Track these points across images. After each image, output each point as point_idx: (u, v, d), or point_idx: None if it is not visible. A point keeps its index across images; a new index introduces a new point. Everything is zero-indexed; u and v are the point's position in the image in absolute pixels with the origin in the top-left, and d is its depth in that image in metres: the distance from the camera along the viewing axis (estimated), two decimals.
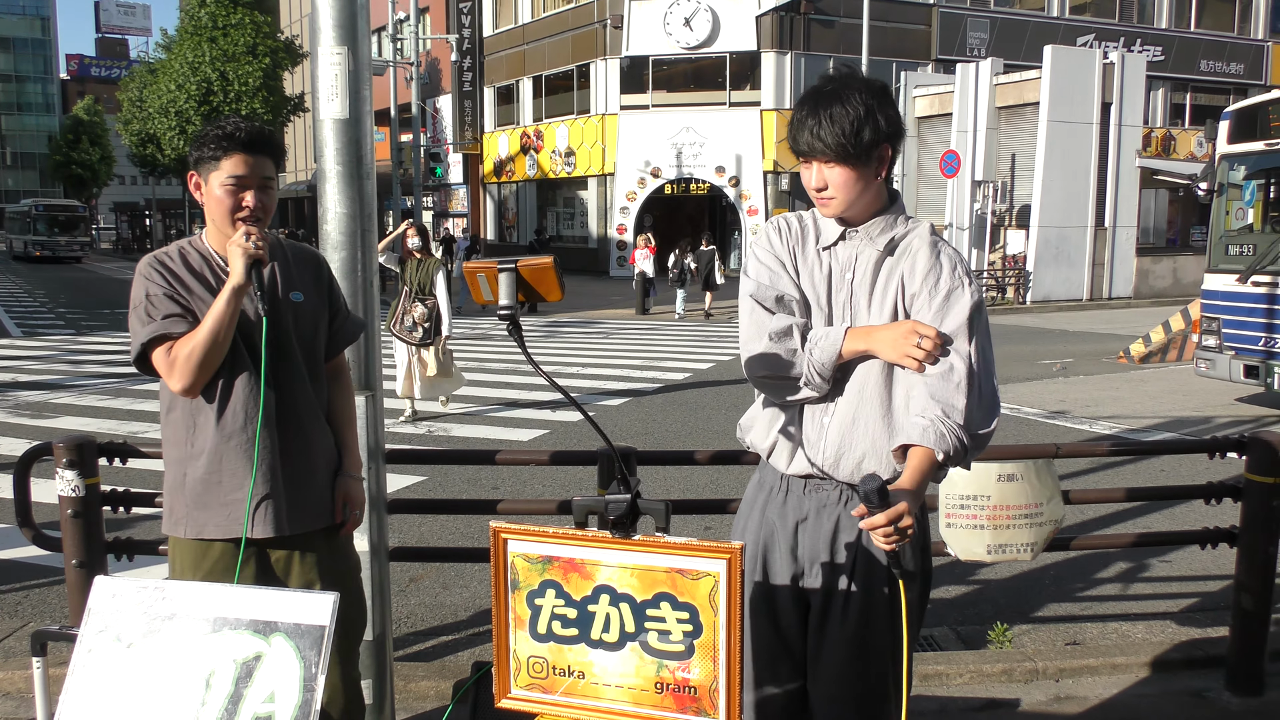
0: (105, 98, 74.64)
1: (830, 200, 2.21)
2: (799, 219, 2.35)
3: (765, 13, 30.79)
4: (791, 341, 2.21)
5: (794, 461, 2.29)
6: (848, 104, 2.14)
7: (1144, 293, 25.76)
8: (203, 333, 2.40)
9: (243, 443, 2.51)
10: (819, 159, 2.18)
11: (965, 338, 2.16)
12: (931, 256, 2.21)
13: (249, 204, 2.48)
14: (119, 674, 1.83)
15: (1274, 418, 10.15)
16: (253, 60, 39.79)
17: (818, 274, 2.28)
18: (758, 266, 2.32)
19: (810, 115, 2.17)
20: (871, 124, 2.14)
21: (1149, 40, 34.92)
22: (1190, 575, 5.43)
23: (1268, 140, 9.81)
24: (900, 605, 2.20)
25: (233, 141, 2.46)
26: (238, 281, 2.39)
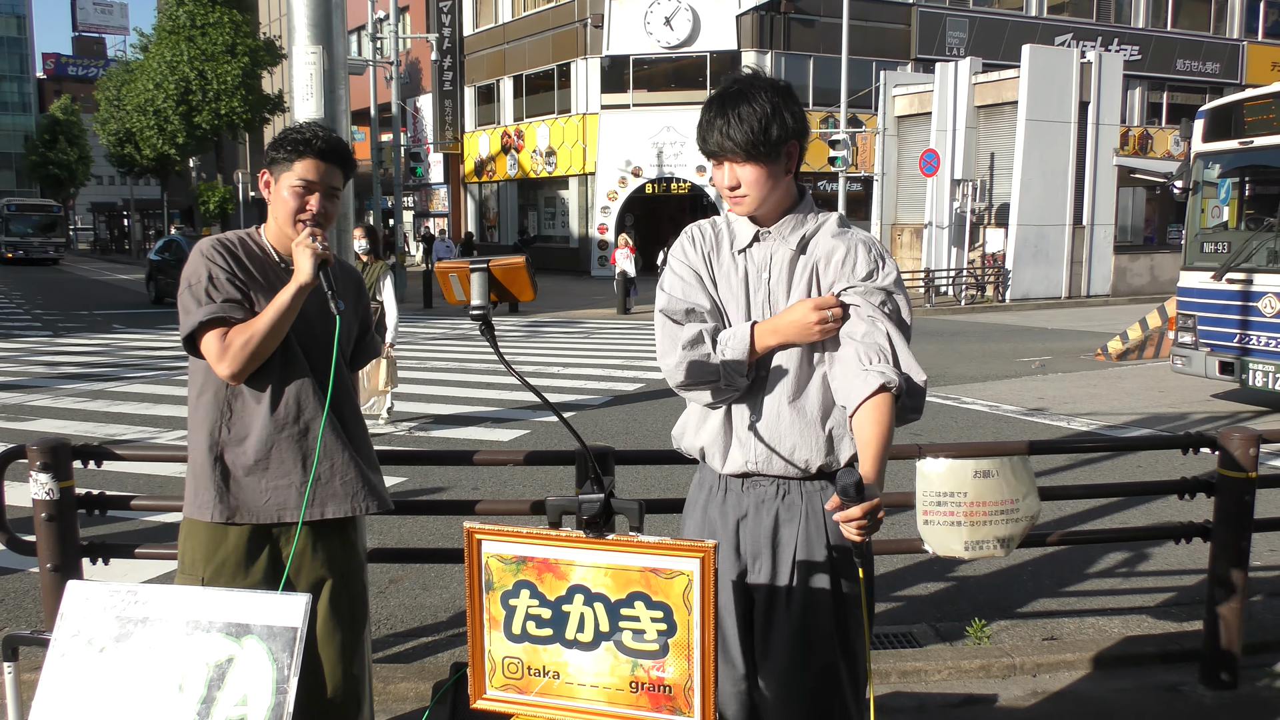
0: (82, 97, 74.03)
1: (743, 198, 2.25)
2: (712, 225, 2.40)
3: (745, 12, 30.84)
4: (704, 347, 2.23)
5: (728, 461, 2.31)
6: (754, 103, 2.18)
7: (1122, 290, 25.96)
8: (263, 323, 2.46)
9: (295, 434, 2.58)
10: (730, 158, 2.22)
11: (882, 302, 2.22)
12: (846, 244, 2.26)
13: (312, 207, 2.56)
14: (91, 678, 1.82)
15: (1249, 413, 10.25)
16: (231, 59, 39.57)
17: (734, 277, 2.32)
18: (671, 279, 2.36)
19: (719, 115, 2.20)
20: (779, 121, 2.19)
21: (1126, 40, 35.18)
22: (1166, 570, 5.48)
23: (1242, 139, 9.90)
24: (845, 596, 2.29)
25: (308, 147, 2.54)
26: (305, 279, 2.47)
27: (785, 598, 2.28)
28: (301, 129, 2.60)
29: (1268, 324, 9.42)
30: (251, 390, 2.57)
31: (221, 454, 2.58)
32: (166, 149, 42.02)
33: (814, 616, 2.28)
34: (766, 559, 2.30)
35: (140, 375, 12.59)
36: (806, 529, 2.29)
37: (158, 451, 5.81)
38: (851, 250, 2.25)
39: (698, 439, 2.37)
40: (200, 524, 2.61)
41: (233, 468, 2.57)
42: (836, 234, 2.29)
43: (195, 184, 46.99)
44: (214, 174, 47.90)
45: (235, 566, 2.58)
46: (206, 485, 2.58)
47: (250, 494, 2.58)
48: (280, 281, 2.56)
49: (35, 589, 4.89)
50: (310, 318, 2.60)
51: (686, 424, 2.43)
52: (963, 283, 24.65)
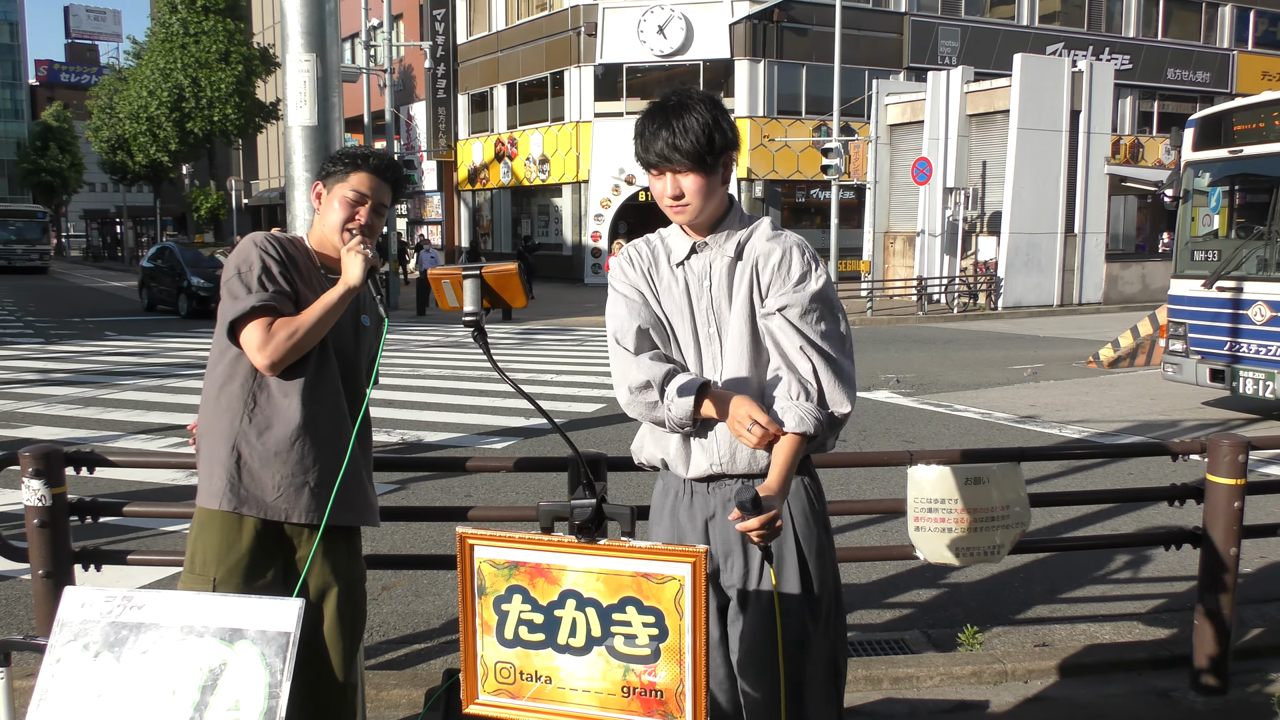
0: (75, 104, 73.92)
1: (685, 207, 2.31)
2: (647, 243, 2.48)
3: (738, 21, 30.94)
4: (651, 394, 2.28)
5: (692, 465, 2.37)
6: (696, 114, 2.25)
7: (1113, 298, 26.05)
8: (309, 317, 2.53)
9: (322, 437, 2.63)
10: (673, 168, 2.27)
11: (815, 318, 2.30)
12: (781, 247, 2.35)
13: (361, 218, 2.65)
14: (86, 684, 1.82)
15: (1239, 420, 10.29)
16: (225, 67, 39.58)
17: (675, 290, 2.39)
18: (615, 301, 2.42)
19: (663, 126, 2.25)
20: (719, 131, 2.26)
21: (1117, 49, 35.36)
22: (1156, 576, 5.50)
23: (1232, 148, 9.95)
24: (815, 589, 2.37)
25: (364, 162, 2.66)
26: (354, 282, 2.55)
27: (757, 593, 2.35)
28: (359, 148, 2.76)
29: (1258, 332, 9.46)
30: (279, 385, 2.60)
31: (239, 444, 2.60)
32: (159, 156, 42.00)
33: (784, 610, 2.32)
34: (738, 557, 2.36)
35: (133, 382, 12.57)
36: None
37: (151, 458, 5.80)
38: (786, 253, 2.34)
39: (657, 450, 2.43)
40: (214, 522, 2.61)
41: (249, 459, 2.59)
42: (771, 237, 2.38)
43: (188, 191, 46.96)
44: (207, 181, 47.89)
45: (248, 569, 2.59)
46: (220, 473, 2.60)
47: (261, 488, 2.59)
48: (323, 286, 2.63)
49: (27, 595, 4.88)
50: (343, 326, 2.69)
51: (644, 438, 2.48)
52: (955, 290, 24.71)
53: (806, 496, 2.41)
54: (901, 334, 19.49)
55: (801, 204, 33.48)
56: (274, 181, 52.97)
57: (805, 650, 2.36)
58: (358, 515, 2.76)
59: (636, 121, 2.33)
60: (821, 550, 2.40)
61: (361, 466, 2.76)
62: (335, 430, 2.66)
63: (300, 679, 2.42)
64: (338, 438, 2.65)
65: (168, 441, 8.98)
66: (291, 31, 3.20)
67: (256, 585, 2.59)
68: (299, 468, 2.61)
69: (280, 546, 2.65)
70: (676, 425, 2.29)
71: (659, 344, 2.35)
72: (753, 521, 2.05)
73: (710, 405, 2.25)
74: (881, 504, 4.49)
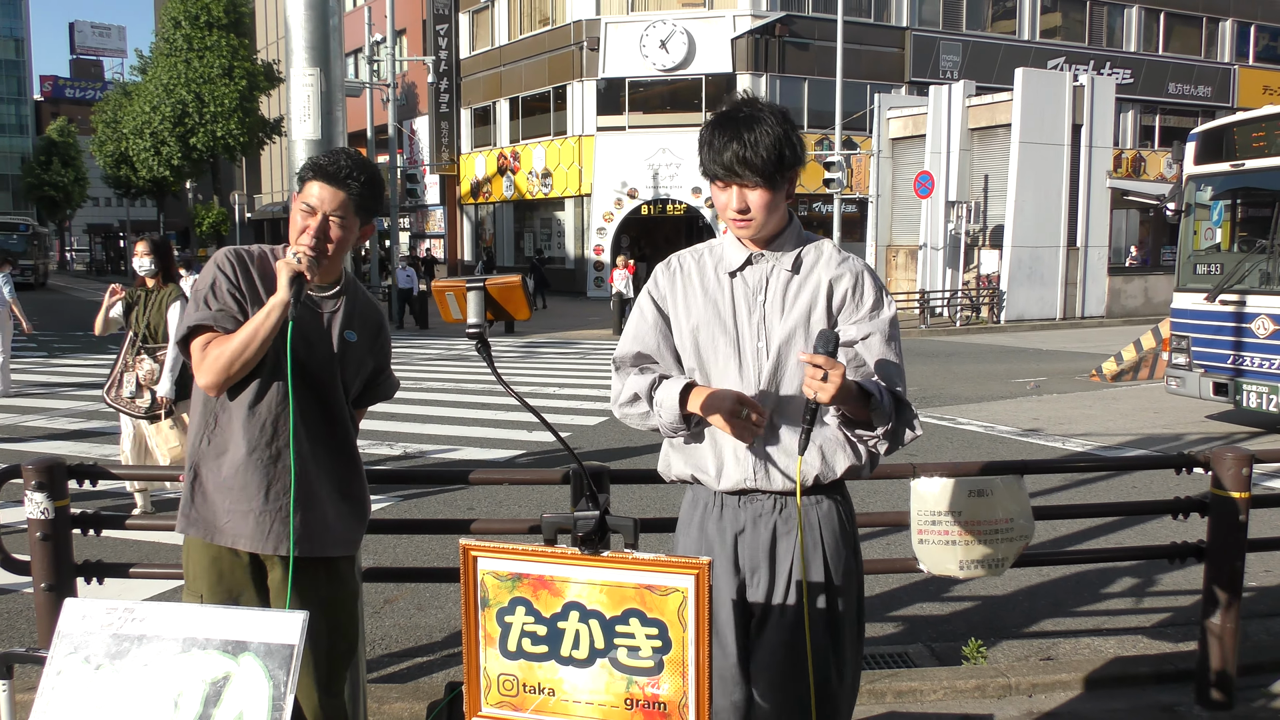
0: (80, 119, 74.21)
1: (750, 222, 2.28)
2: (694, 253, 2.44)
3: (740, 35, 31.05)
4: (640, 405, 2.32)
5: (724, 478, 2.34)
6: (767, 127, 2.21)
7: (1116, 312, 26.04)
8: (236, 339, 2.45)
9: (264, 459, 2.54)
10: (742, 182, 2.24)
11: (891, 348, 2.33)
12: (854, 274, 2.35)
13: (310, 228, 2.53)
14: (87, 696, 1.82)
15: (1243, 434, 10.27)
16: (229, 82, 39.75)
17: (722, 299, 2.35)
18: (633, 323, 2.42)
19: (734, 139, 2.21)
20: (790, 148, 2.24)
21: (1118, 63, 35.46)
22: (1160, 590, 5.48)
23: (1234, 161, 9.96)
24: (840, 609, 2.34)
25: (317, 170, 2.55)
26: (281, 297, 2.44)
27: (781, 609, 2.31)
28: (327, 153, 2.61)
29: (1261, 345, 9.45)
30: (236, 406, 2.54)
31: (198, 465, 2.58)
32: (162, 171, 42.12)
33: (810, 627, 2.30)
34: (764, 572, 2.32)
35: None
36: (804, 542, 2.31)
37: (153, 471, 5.80)
38: (859, 278, 2.34)
39: (687, 466, 2.40)
40: (195, 542, 2.61)
41: (205, 482, 2.57)
42: (840, 260, 2.36)
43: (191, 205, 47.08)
44: (210, 196, 48.02)
45: (228, 590, 2.58)
46: (184, 496, 2.60)
47: (213, 513, 2.56)
48: (306, 305, 2.56)
49: (29, 609, 4.87)
50: (311, 343, 2.58)
51: (670, 455, 2.45)
52: (958, 304, 24.72)
53: (839, 518, 2.38)
54: (904, 347, 19.40)
55: (804, 218, 33.40)
56: (277, 196, 53.14)
57: (826, 678, 2.32)
58: (316, 545, 2.60)
59: (703, 129, 2.30)
60: (849, 573, 2.38)
61: (324, 493, 2.62)
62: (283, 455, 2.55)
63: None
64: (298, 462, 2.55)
65: None
66: (296, 46, 3.22)
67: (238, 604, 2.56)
68: (243, 494, 2.54)
69: (258, 568, 2.61)
70: (669, 430, 2.30)
71: (665, 365, 2.36)
72: (820, 355, 2.05)
73: (695, 400, 2.24)
74: (884, 517, 4.48)
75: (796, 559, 2.31)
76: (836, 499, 2.39)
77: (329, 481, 2.64)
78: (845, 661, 2.36)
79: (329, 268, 2.60)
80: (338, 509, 2.66)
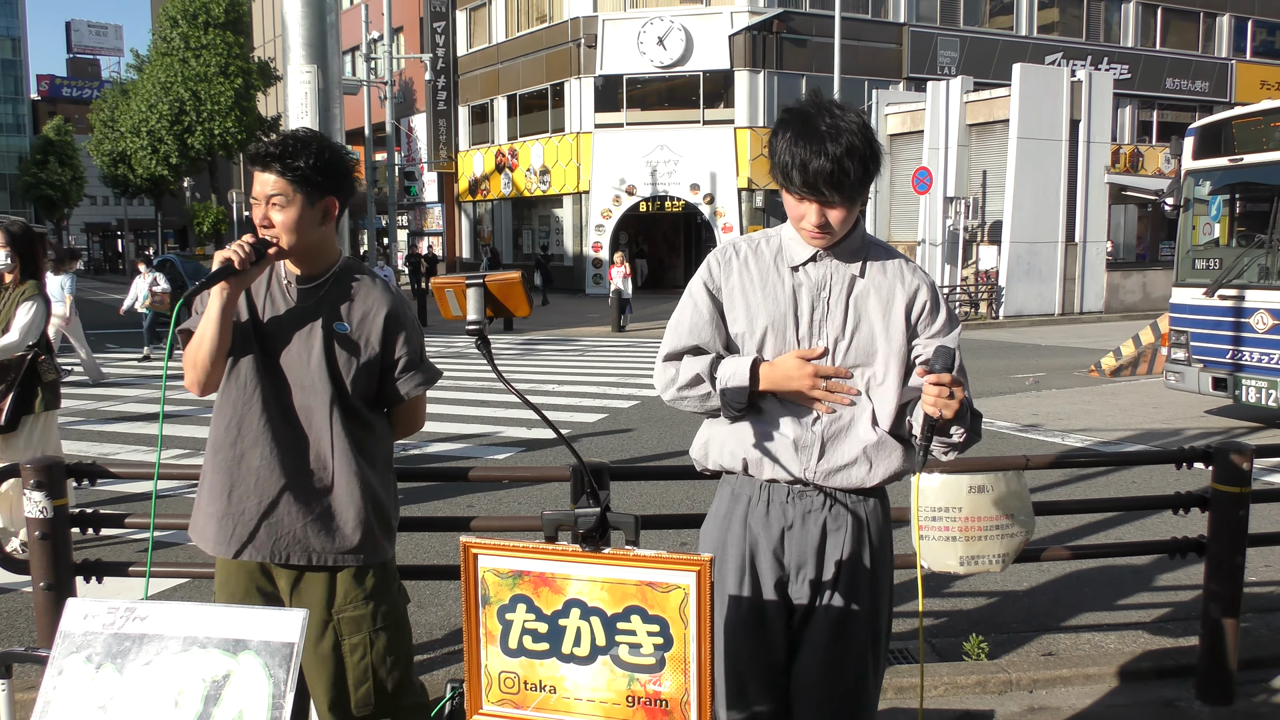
0: (77, 118, 74.15)
1: (827, 236, 2.23)
2: (749, 241, 2.37)
3: (738, 32, 31.02)
4: (703, 386, 2.27)
5: (779, 469, 2.29)
6: (853, 144, 2.12)
7: (1114, 307, 26.04)
8: (197, 334, 2.44)
9: (227, 460, 2.49)
10: (825, 201, 2.16)
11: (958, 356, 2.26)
12: (927, 285, 2.32)
13: (257, 220, 2.44)
14: (88, 696, 1.81)
15: (1242, 429, 10.28)
16: (225, 80, 39.69)
17: (781, 291, 2.29)
18: (683, 307, 2.36)
19: (819, 154, 2.11)
20: (874, 163, 2.18)
21: (1116, 59, 35.44)
22: (1161, 585, 5.48)
23: (1232, 156, 9.96)
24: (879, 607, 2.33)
25: (254, 158, 2.43)
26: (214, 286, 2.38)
27: (825, 606, 2.31)
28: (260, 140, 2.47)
29: (1260, 340, 9.45)
30: (216, 408, 2.52)
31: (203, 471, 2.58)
32: (160, 170, 42.09)
33: (853, 625, 2.31)
34: (811, 568, 2.30)
35: (135, 394, 12.57)
36: (853, 540, 2.32)
37: (152, 469, 5.79)
38: (936, 295, 2.32)
39: (739, 450, 2.31)
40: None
41: (199, 487, 2.57)
42: (913, 272, 2.33)
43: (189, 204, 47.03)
44: (208, 194, 47.96)
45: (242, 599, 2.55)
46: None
47: (196, 516, 2.56)
48: (283, 298, 2.51)
49: (28, 608, 4.87)
50: (289, 338, 2.48)
51: (711, 440, 2.38)
52: (956, 300, 24.72)
53: (884, 519, 2.39)
54: None
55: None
56: None
57: (865, 674, 2.34)
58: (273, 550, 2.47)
59: (780, 128, 2.18)
60: (889, 571, 2.40)
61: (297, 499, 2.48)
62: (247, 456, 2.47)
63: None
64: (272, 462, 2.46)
65: (170, 453, 8.97)
66: (293, 44, 3.21)
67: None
68: (211, 496, 2.51)
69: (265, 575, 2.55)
70: (732, 405, 2.24)
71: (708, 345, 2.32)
72: (945, 375, 2.06)
73: (767, 374, 2.23)
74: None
75: (846, 557, 2.31)
76: (882, 499, 2.40)
77: (307, 486, 2.49)
78: (880, 658, 2.39)
79: (301, 255, 2.48)
80: (317, 517, 2.49)
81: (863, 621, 2.32)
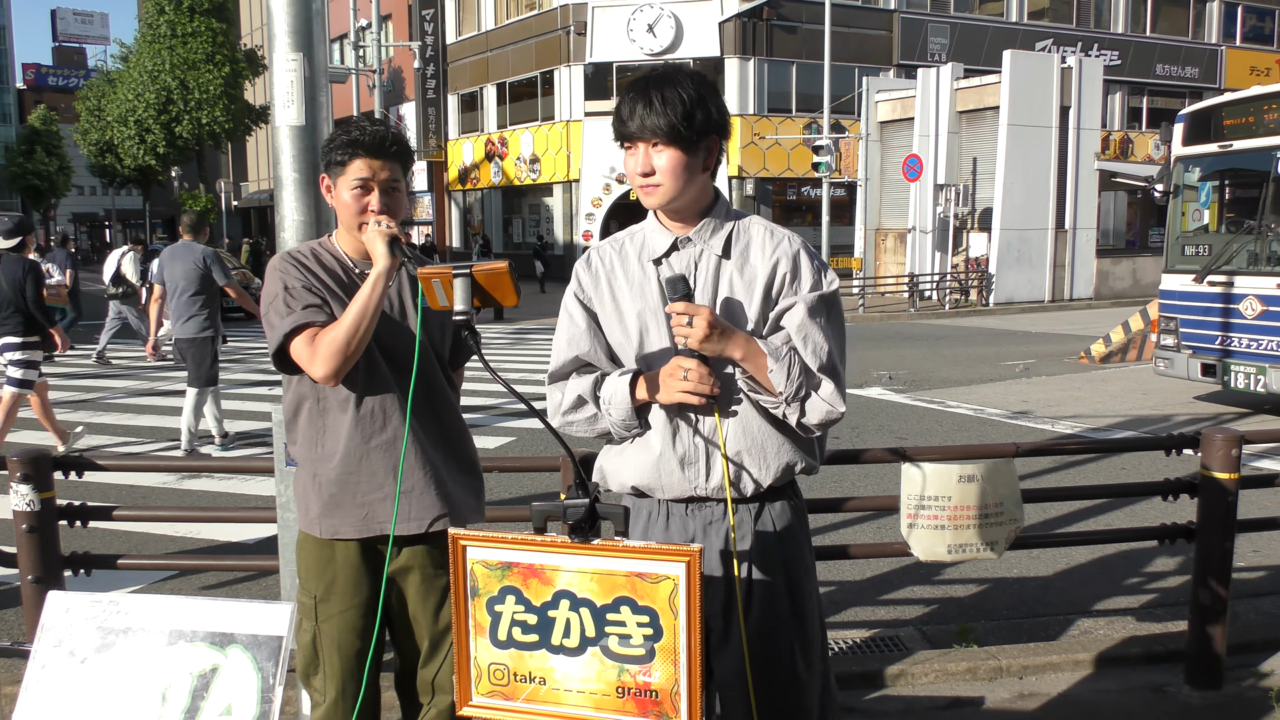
0: (63, 107, 73.60)
1: (656, 187, 2.13)
2: (614, 243, 2.33)
3: (728, 19, 30.93)
4: (588, 409, 2.23)
5: (669, 488, 2.22)
6: (679, 87, 2.09)
7: (1104, 294, 26.11)
8: (350, 317, 2.42)
9: (383, 444, 2.54)
10: (647, 140, 2.10)
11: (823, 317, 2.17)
12: (789, 258, 2.19)
13: (373, 206, 2.50)
14: (73, 690, 1.80)
15: (1231, 415, 10.32)
16: (212, 68, 39.46)
17: (649, 289, 2.22)
18: (560, 325, 2.31)
19: (640, 97, 2.10)
20: (703, 109, 2.10)
21: (1106, 45, 35.44)
22: (1150, 571, 5.50)
23: (1221, 142, 9.97)
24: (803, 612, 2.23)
25: (358, 146, 2.49)
26: (385, 263, 2.41)
27: (742, 621, 2.18)
28: (349, 127, 2.54)
29: (1249, 326, 9.49)
30: (339, 402, 2.54)
31: (318, 471, 2.57)
32: (147, 159, 41.85)
33: (774, 636, 2.22)
34: (719, 583, 2.20)
35: (122, 385, 12.52)
36: (760, 547, 2.23)
37: (140, 462, 5.77)
38: (796, 263, 2.19)
39: (628, 478, 2.27)
40: (307, 543, 2.62)
41: (329, 484, 2.56)
42: (775, 244, 2.20)
43: (177, 194, 46.79)
44: (196, 184, 47.71)
45: (345, 583, 2.57)
46: (311, 502, 2.59)
47: (347, 510, 2.55)
48: (355, 286, 2.53)
49: (15, 602, 4.84)
50: (393, 320, 2.57)
51: (606, 470, 2.33)
52: (946, 287, 24.75)
53: (793, 519, 2.28)
54: (893, 331, 19.49)
55: (793, 201, 33.49)
56: (263, 184, 52.84)
57: (798, 682, 2.25)
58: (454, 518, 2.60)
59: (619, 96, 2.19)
60: (808, 574, 2.29)
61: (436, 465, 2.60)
62: (399, 436, 2.55)
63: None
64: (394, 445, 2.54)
65: (158, 445, 8.94)
66: (278, 30, 3.18)
67: (355, 601, 2.57)
68: (373, 483, 2.55)
69: (375, 559, 2.58)
70: (622, 427, 2.20)
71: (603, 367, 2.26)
72: (679, 303, 2.02)
73: (643, 388, 2.16)
74: (875, 501, 4.48)
75: (756, 567, 2.21)
76: (789, 501, 2.28)
77: (447, 453, 2.64)
78: (814, 666, 2.28)
79: None
80: (461, 480, 2.66)
81: (785, 636, 2.23)
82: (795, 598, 2.25)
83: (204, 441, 8.51)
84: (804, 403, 2.12)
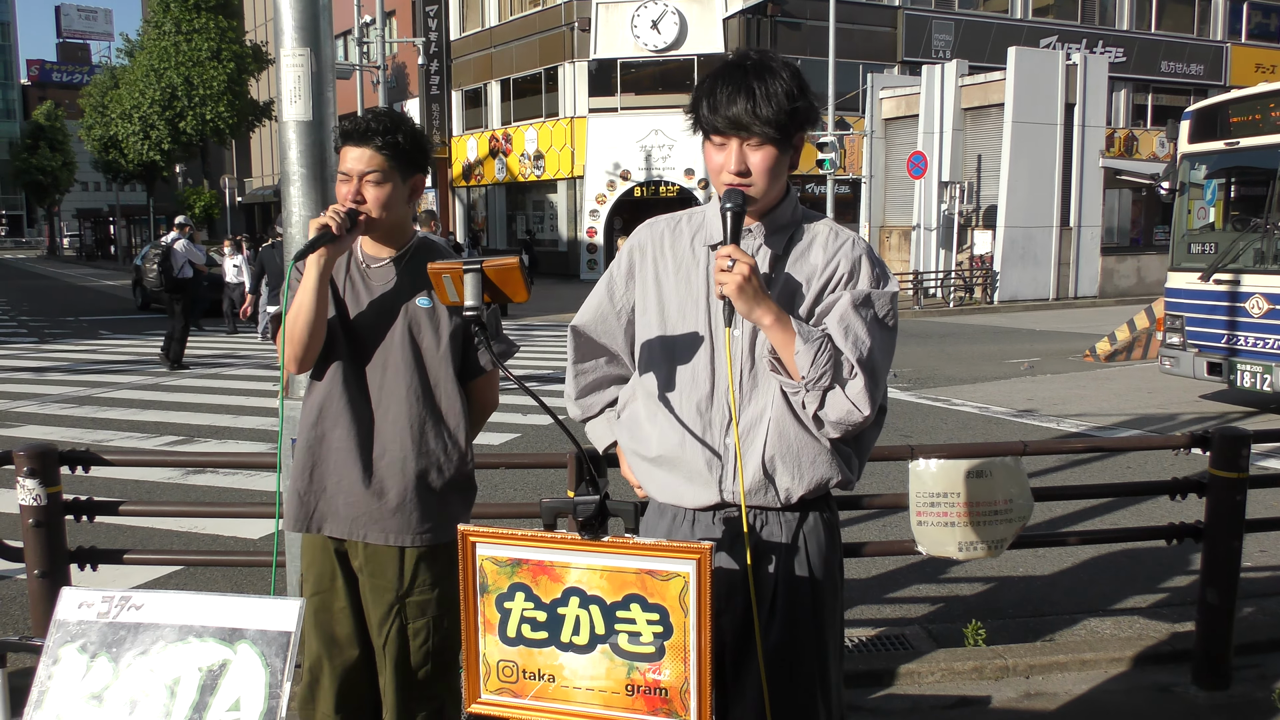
0: (68, 103, 73.66)
1: (749, 186, 2.00)
2: (670, 220, 2.21)
3: (732, 15, 30.88)
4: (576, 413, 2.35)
5: (696, 496, 2.10)
6: (780, 79, 1.96)
7: (1109, 292, 26.06)
8: (293, 305, 2.43)
9: (310, 439, 2.54)
10: (744, 137, 1.97)
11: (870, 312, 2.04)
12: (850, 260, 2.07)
13: (346, 196, 2.46)
14: (84, 685, 1.80)
15: (1237, 414, 10.29)
16: (217, 65, 39.47)
17: (696, 275, 2.10)
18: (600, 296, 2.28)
19: (738, 88, 1.94)
20: (804, 102, 1.98)
21: (1111, 42, 35.36)
22: (1158, 571, 5.48)
23: (1227, 140, 9.94)
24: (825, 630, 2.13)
25: (344, 135, 2.47)
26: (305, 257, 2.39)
27: (763, 636, 2.07)
28: (352, 116, 2.50)
29: (1255, 324, 9.46)
30: (313, 391, 2.58)
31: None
32: (152, 155, 41.88)
33: (796, 654, 2.11)
34: (741, 597, 2.06)
35: (128, 380, 12.53)
36: (789, 562, 2.11)
37: (146, 457, 5.77)
38: (856, 267, 2.07)
39: (648, 484, 2.18)
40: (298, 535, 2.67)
41: (296, 472, 2.59)
42: (838, 245, 2.08)
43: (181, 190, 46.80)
44: (200, 179, 47.73)
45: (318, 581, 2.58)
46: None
47: (297, 501, 2.57)
48: (363, 278, 2.54)
49: (21, 596, 4.84)
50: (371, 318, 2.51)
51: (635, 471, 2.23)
52: (951, 284, 24.72)
53: (826, 536, 2.14)
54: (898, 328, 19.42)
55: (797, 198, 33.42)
56: (268, 179, 52.84)
57: (815, 707, 2.12)
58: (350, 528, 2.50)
59: (703, 81, 2.01)
60: (835, 592, 2.16)
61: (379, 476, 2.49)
62: (328, 435, 2.51)
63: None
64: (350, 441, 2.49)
65: (163, 440, 8.94)
66: (285, 26, 3.17)
67: (324, 596, 2.57)
68: (298, 475, 2.54)
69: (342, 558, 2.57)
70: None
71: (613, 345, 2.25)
72: (730, 248, 1.91)
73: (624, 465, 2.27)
74: (882, 498, 4.47)
75: (782, 581, 2.10)
76: (822, 513, 2.14)
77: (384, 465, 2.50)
78: (831, 698, 2.16)
79: (386, 232, 2.53)
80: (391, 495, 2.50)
81: (807, 656, 2.11)
82: (818, 627, 2.13)
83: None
84: (826, 393, 1.97)
